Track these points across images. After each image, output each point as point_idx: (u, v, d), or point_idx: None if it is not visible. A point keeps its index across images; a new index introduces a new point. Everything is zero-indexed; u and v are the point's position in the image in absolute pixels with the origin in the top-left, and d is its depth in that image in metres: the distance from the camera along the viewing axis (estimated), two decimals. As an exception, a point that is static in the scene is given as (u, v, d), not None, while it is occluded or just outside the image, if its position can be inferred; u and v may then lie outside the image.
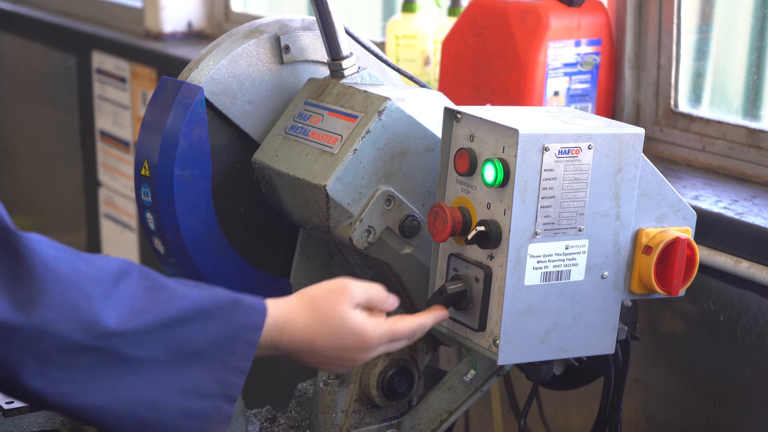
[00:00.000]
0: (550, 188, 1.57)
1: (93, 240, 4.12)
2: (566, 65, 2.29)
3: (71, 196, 4.25)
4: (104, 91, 3.89)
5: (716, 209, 2.00)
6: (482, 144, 1.61)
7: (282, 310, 1.50)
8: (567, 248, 1.60)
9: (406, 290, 1.77)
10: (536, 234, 1.57)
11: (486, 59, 2.33)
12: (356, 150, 1.69)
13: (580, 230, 1.60)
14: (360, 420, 1.77)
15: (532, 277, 1.59)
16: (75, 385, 1.36)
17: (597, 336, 1.66)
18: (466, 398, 1.82)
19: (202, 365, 1.42)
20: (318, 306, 1.53)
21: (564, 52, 2.28)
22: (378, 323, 1.55)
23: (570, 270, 1.61)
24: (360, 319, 1.54)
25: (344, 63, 1.81)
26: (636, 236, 1.66)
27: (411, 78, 1.92)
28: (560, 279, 1.61)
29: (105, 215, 4.02)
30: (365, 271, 1.83)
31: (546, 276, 1.59)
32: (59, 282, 1.35)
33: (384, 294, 1.59)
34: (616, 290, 1.65)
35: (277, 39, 1.86)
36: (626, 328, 1.83)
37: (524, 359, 1.63)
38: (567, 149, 1.57)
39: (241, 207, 1.87)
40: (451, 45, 2.41)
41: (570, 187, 1.58)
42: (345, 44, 1.82)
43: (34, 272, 1.34)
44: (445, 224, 1.61)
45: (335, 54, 1.82)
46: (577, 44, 2.30)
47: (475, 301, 1.62)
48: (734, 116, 2.29)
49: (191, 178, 1.79)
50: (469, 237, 1.58)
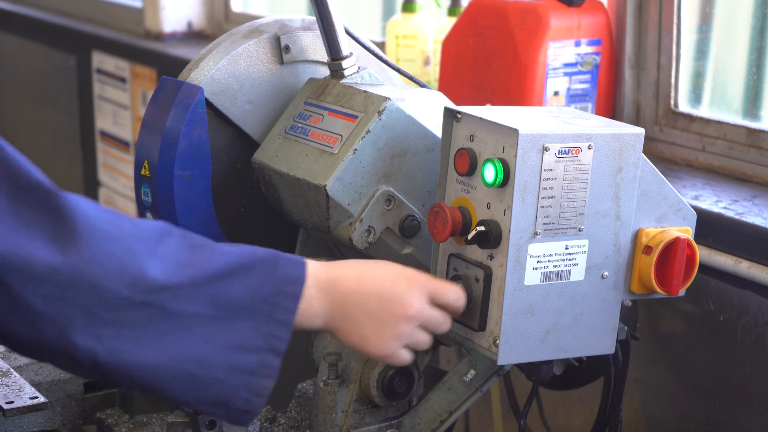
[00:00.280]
0: (550, 188, 1.57)
1: (93, 240, 4.11)
2: (566, 65, 2.29)
3: (71, 196, 4.24)
4: (104, 91, 3.89)
5: (716, 209, 2.00)
6: (482, 144, 1.61)
7: (323, 264, 1.51)
8: (567, 248, 1.60)
9: (406, 290, 1.77)
10: (536, 234, 1.57)
11: (486, 59, 2.32)
12: (356, 150, 1.69)
13: (580, 230, 1.60)
14: (360, 420, 1.77)
15: (532, 277, 1.58)
16: (125, 342, 1.36)
17: (597, 336, 1.66)
18: (466, 398, 1.82)
19: (248, 319, 1.42)
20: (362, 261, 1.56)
21: (564, 52, 2.28)
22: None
23: (570, 270, 1.61)
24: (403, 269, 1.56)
25: (344, 63, 1.81)
26: (636, 236, 1.66)
27: (411, 78, 1.92)
28: (560, 279, 1.61)
29: (105, 215, 4.01)
30: (365, 271, 1.83)
31: (546, 276, 1.59)
32: (104, 239, 1.35)
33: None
34: (616, 290, 1.65)
35: (277, 39, 1.86)
36: (626, 328, 1.83)
37: (524, 359, 1.63)
38: (567, 149, 1.57)
39: (241, 207, 1.87)
40: (451, 45, 2.41)
41: (570, 187, 1.58)
42: (345, 44, 1.82)
43: (79, 229, 1.34)
44: (445, 224, 1.61)
45: (335, 54, 1.82)
46: (577, 44, 2.30)
47: (475, 301, 1.62)
48: (734, 116, 2.29)
49: (191, 178, 1.79)
50: (469, 237, 1.58)
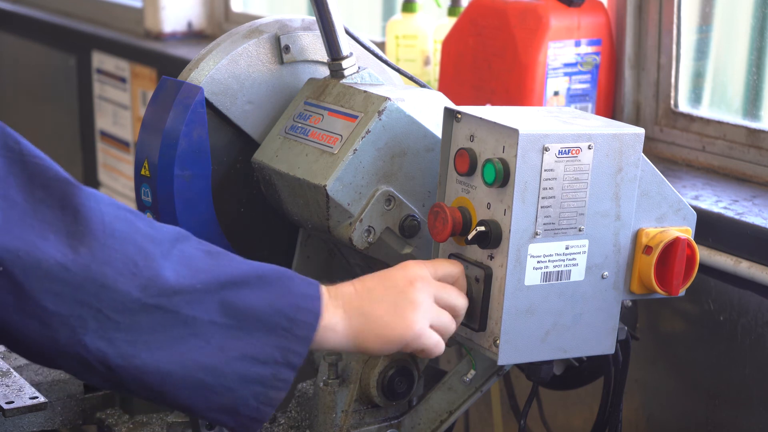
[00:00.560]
0: (550, 188, 1.57)
1: (93, 240, 4.12)
2: (566, 65, 2.29)
3: (71, 196, 4.24)
4: (104, 91, 3.89)
5: (716, 209, 2.00)
6: (482, 144, 1.61)
7: (331, 286, 1.52)
8: (567, 248, 1.60)
9: (406, 290, 1.77)
10: (536, 234, 1.57)
11: (486, 59, 2.32)
12: (356, 150, 1.69)
13: (580, 230, 1.60)
14: (360, 420, 1.77)
15: (533, 277, 1.58)
16: (138, 347, 1.35)
17: (597, 336, 1.66)
18: (466, 398, 1.82)
19: (266, 332, 1.41)
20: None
21: (564, 52, 2.28)
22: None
23: (570, 270, 1.61)
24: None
25: (344, 63, 1.81)
26: (636, 236, 1.66)
27: (411, 78, 1.92)
28: (560, 279, 1.61)
29: (105, 215, 4.02)
30: (365, 272, 1.83)
31: (546, 276, 1.59)
32: (118, 239, 1.34)
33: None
34: (616, 290, 1.65)
35: (277, 39, 1.85)
36: (626, 328, 1.82)
37: (524, 359, 1.63)
38: (567, 149, 1.57)
39: (241, 207, 1.87)
40: (451, 45, 2.41)
41: (570, 187, 1.58)
42: (345, 44, 1.82)
43: (93, 228, 1.33)
44: (445, 224, 1.61)
45: (335, 54, 1.82)
46: (577, 44, 2.30)
47: (475, 301, 1.62)
48: (734, 116, 2.29)
49: (191, 178, 1.79)
50: (469, 237, 1.58)
